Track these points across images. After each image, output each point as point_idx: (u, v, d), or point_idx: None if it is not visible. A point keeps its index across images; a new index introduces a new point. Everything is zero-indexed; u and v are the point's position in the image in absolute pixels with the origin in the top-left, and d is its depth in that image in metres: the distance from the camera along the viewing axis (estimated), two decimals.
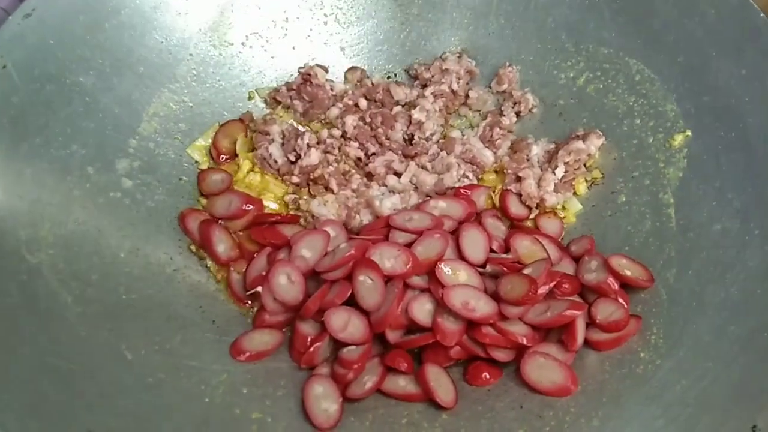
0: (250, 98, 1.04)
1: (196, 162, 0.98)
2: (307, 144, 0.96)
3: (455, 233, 0.86)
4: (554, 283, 0.80)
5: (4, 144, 0.81)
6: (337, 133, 0.99)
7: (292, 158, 0.97)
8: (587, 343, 0.80)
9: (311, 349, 0.80)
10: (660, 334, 0.78)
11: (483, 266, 0.84)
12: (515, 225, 0.93)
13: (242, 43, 1.03)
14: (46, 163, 0.84)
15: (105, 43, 0.92)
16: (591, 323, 0.80)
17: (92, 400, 0.69)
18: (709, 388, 0.70)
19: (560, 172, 0.94)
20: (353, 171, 0.97)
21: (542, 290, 0.79)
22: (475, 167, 0.98)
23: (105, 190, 0.88)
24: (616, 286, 0.82)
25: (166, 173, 0.95)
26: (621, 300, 0.82)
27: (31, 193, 0.81)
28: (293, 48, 1.06)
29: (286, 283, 0.82)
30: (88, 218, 0.85)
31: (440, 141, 1.00)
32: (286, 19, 1.05)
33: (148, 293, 0.84)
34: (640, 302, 0.83)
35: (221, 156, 0.99)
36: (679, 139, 0.90)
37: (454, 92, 1.02)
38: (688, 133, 0.90)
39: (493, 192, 0.97)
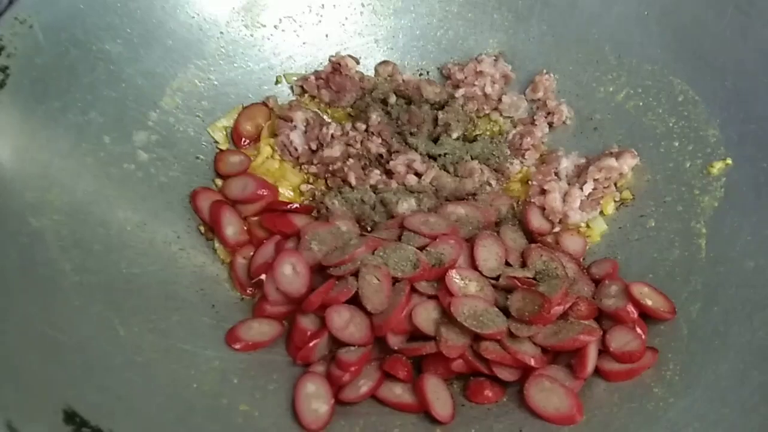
0: (277, 82, 1.03)
1: (216, 142, 0.97)
2: (332, 135, 0.95)
3: (471, 241, 0.83)
4: (570, 304, 0.78)
5: (21, 104, 0.80)
6: (361, 126, 0.96)
7: (314, 147, 0.95)
8: (598, 371, 0.77)
9: (309, 345, 0.78)
10: (677, 370, 0.75)
11: (496, 279, 0.81)
12: (535, 239, 0.90)
13: (275, 26, 1.02)
14: (62, 128, 0.83)
15: (136, 12, 0.91)
16: (604, 351, 0.78)
17: (76, 373, 0.68)
18: None
19: (588, 188, 0.91)
20: (373, 167, 0.95)
21: (556, 310, 0.76)
22: (499, 175, 0.95)
23: (119, 161, 0.87)
24: (635, 315, 0.79)
25: (183, 150, 0.94)
26: (639, 330, 0.78)
27: (43, 157, 0.80)
28: (326, 35, 1.04)
29: (291, 274, 0.80)
30: (98, 187, 0.84)
31: (466, 144, 0.97)
32: (323, 5, 1.04)
33: (150, 270, 0.82)
34: (658, 334, 0.79)
35: (242, 139, 0.97)
36: (718, 167, 0.87)
37: (486, 95, 1.00)
38: (729, 161, 0.86)
39: (517, 203, 0.94)
